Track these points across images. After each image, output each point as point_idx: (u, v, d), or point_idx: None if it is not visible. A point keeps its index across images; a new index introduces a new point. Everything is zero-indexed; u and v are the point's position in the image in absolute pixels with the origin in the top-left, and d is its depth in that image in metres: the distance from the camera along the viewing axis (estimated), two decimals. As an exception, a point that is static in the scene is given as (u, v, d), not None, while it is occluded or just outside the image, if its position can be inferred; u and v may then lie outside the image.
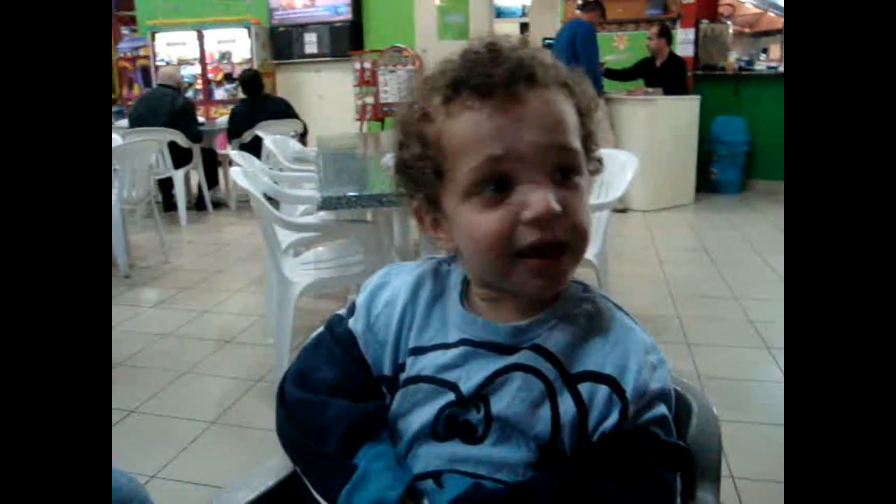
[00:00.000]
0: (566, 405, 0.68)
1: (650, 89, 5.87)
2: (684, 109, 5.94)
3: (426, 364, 0.74)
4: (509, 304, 0.74)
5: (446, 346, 0.74)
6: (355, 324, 0.80)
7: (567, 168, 0.67)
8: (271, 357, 2.75)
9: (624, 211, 5.60)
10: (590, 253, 2.67)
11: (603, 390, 0.68)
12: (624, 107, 5.89)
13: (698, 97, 6.03)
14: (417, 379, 0.74)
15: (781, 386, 2.50)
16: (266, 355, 2.85)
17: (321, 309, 3.34)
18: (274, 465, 0.81)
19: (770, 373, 2.65)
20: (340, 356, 0.79)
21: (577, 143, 0.68)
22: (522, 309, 0.73)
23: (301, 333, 2.58)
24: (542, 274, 0.68)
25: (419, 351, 0.76)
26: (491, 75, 0.65)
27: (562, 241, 0.66)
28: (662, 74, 5.96)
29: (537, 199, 0.64)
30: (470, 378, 0.72)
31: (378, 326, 0.79)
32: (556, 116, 0.66)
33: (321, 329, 0.84)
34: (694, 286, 3.77)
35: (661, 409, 0.68)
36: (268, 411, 2.40)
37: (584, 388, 0.69)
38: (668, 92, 5.81)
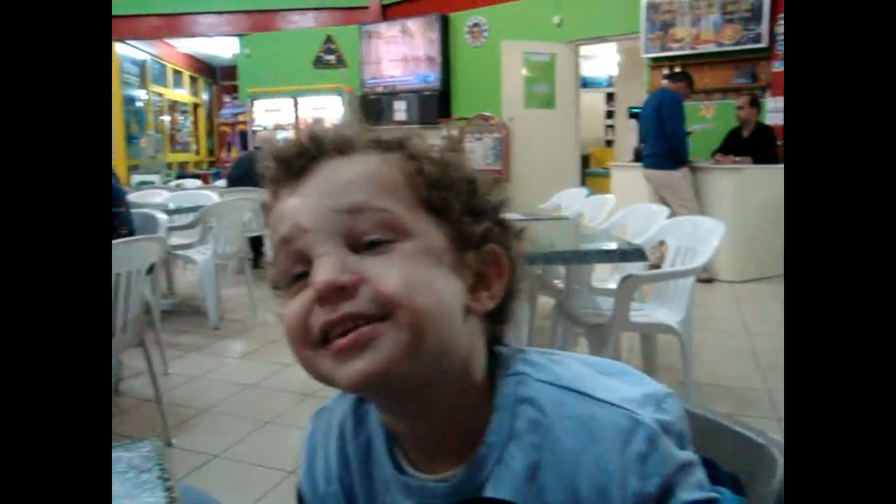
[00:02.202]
0: None
1: (738, 158, 5.79)
2: (774, 179, 5.81)
3: None
4: (422, 433, 0.60)
5: None
6: None
7: (371, 231, 0.54)
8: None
9: (709, 281, 5.48)
10: (673, 320, 2.63)
11: None
12: (710, 176, 5.82)
13: (789, 167, 5.91)
14: None
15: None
16: (346, 410, 2.89)
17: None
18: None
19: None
20: None
21: (382, 200, 0.54)
22: (446, 440, 0.59)
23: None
24: (350, 356, 0.53)
25: None
26: (287, 154, 0.58)
27: (364, 313, 0.52)
28: (751, 144, 5.88)
29: (318, 274, 0.53)
30: None
31: None
32: (348, 177, 0.56)
33: None
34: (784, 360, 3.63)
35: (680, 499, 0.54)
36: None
37: None
38: (756, 161, 5.72)
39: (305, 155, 0.57)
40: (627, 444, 0.53)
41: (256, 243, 6.25)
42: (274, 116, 9.63)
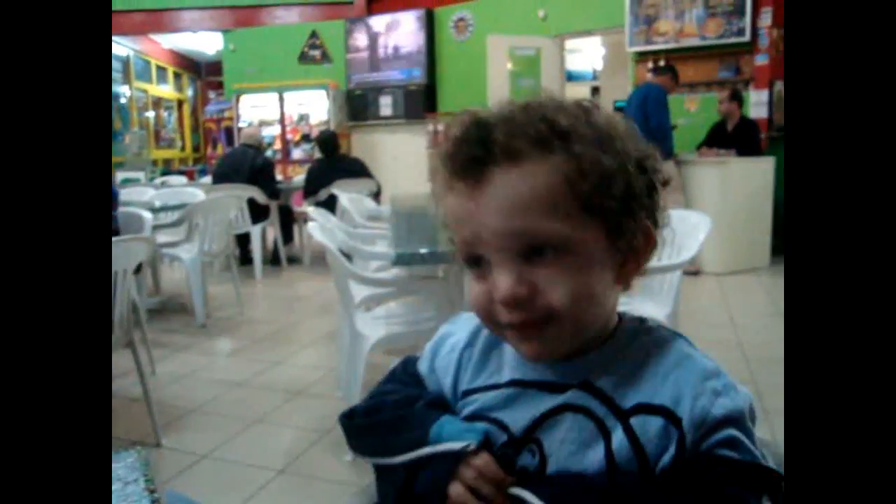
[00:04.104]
0: (619, 442, 0.66)
1: (722, 151, 5.82)
2: (758, 171, 5.85)
3: (476, 405, 0.75)
4: None
5: (497, 387, 0.75)
6: (421, 365, 0.85)
7: (538, 246, 0.65)
8: (340, 409, 2.79)
9: (696, 273, 5.51)
10: (661, 314, 2.64)
11: (656, 422, 0.66)
12: (695, 169, 5.85)
13: (773, 158, 5.94)
14: (469, 419, 0.75)
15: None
16: (335, 408, 2.88)
17: (390, 365, 3.37)
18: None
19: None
20: (411, 387, 0.84)
21: (548, 223, 0.64)
22: (575, 347, 0.71)
23: (370, 388, 2.61)
24: (527, 341, 0.69)
25: (471, 392, 0.77)
26: (463, 157, 0.66)
27: (536, 319, 0.66)
28: (734, 138, 5.91)
29: (500, 283, 0.66)
30: (518, 418, 0.71)
31: (440, 370, 0.82)
32: (520, 199, 0.64)
33: (396, 364, 0.91)
34: (770, 351, 3.66)
35: (729, 431, 0.65)
36: (336, 463, 2.45)
37: (636, 421, 0.67)
38: (741, 154, 5.75)
39: (479, 162, 0.65)
40: (708, 379, 0.67)
41: (243, 240, 6.23)
42: (259, 112, 9.58)
